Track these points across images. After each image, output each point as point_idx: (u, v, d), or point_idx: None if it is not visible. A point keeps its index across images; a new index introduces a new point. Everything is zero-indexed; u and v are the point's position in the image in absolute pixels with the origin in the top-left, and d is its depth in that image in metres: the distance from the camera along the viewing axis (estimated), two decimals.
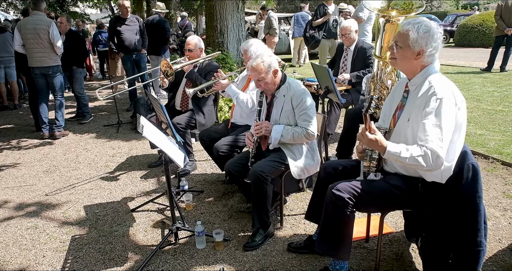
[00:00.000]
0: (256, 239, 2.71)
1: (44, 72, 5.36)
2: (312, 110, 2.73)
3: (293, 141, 2.73)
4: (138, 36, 6.69)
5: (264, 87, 2.77)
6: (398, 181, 2.11)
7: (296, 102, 2.71)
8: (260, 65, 2.71)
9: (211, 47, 6.19)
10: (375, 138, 1.89)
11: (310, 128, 2.70)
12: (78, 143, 5.32)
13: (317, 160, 2.87)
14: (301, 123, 2.72)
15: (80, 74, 6.16)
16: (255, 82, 2.80)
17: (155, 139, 2.54)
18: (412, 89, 2.09)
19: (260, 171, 2.62)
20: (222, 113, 5.28)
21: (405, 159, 1.86)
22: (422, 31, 1.95)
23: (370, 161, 2.15)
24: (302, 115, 2.71)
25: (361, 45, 4.43)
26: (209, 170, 4.14)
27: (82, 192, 3.76)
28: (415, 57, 2.00)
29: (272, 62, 2.73)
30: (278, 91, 2.82)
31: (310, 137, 2.71)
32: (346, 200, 2.04)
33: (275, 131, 2.74)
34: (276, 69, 2.75)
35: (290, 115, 2.76)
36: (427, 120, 1.88)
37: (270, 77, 2.74)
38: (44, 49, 5.27)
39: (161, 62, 3.85)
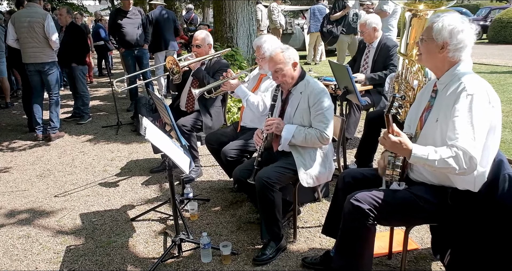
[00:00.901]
0: (266, 252, 2.71)
1: (38, 69, 5.44)
2: (329, 111, 2.74)
3: (305, 143, 2.74)
4: (140, 30, 6.77)
5: (281, 80, 2.80)
6: (424, 192, 2.09)
7: (313, 101, 2.73)
8: (279, 54, 2.75)
9: (219, 42, 6.23)
10: (399, 140, 1.89)
11: (325, 131, 2.70)
12: (74, 145, 5.39)
13: (330, 168, 2.87)
14: (316, 124, 2.73)
15: (81, 72, 6.24)
16: (272, 73, 2.83)
17: (158, 142, 2.57)
18: (441, 88, 2.09)
19: (265, 177, 2.63)
20: (231, 115, 5.30)
21: (433, 161, 1.84)
22: (446, 23, 1.97)
23: (393, 168, 2.15)
24: (318, 115, 2.72)
25: (385, 42, 4.41)
26: (215, 176, 4.16)
27: (78, 198, 3.80)
28: (439, 51, 2.01)
29: (292, 54, 2.79)
30: (295, 88, 2.85)
31: (324, 140, 2.72)
32: (366, 211, 2.03)
33: (286, 130, 2.76)
34: (296, 62, 2.79)
35: (305, 114, 2.78)
36: (457, 118, 1.87)
37: (289, 69, 2.78)
38: (38, 44, 5.35)
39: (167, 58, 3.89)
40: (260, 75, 3.53)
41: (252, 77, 3.67)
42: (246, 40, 6.37)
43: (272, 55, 2.77)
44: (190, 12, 11.80)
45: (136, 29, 6.72)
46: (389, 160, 2.14)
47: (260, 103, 3.29)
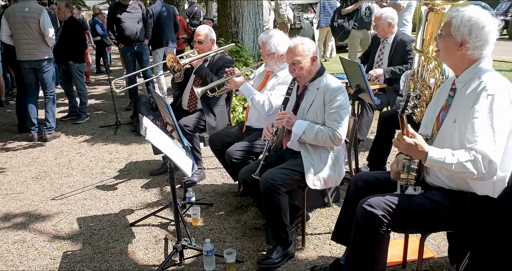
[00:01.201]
0: (272, 256, 2.72)
1: (33, 66, 5.47)
2: (345, 110, 2.75)
3: (316, 141, 2.75)
4: (140, 24, 6.81)
5: (298, 73, 2.82)
6: (441, 197, 2.09)
7: (328, 98, 2.74)
8: (299, 46, 2.78)
9: (223, 38, 6.24)
10: (414, 142, 1.89)
11: (338, 131, 2.71)
12: (71, 146, 5.43)
13: (340, 173, 2.87)
14: (329, 123, 2.74)
15: (78, 70, 6.27)
16: (289, 66, 2.85)
17: (159, 143, 2.58)
18: (460, 86, 2.09)
19: (270, 179, 2.64)
20: (236, 114, 5.31)
21: (451, 165, 1.84)
22: (466, 18, 1.96)
23: (408, 172, 2.15)
24: (332, 114, 2.73)
25: (401, 37, 4.41)
26: (219, 179, 4.17)
27: (75, 202, 3.83)
28: (457, 48, 2.01)
29: (313, 47, 2.82)
30: (312, 83, 2.86)
31: (336, 140, 2.72)
32: (379, 217, 2.03)
33: (297, 125, 2.77)
34: (315, 56, 2.82)
35: (319, 111, 2.79)
36: (477, 119, 1.87)
37: (307, 63, 2.80)
38: (34, 41, 5.38)
39: (167, 56, 3.91)
40: (267, 73, 3.53)
41: (258, 74, 3.68)
42: (252, 35, 6.38)
43: (291, 46, 2.80)
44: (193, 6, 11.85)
45: (136, 24, 6.75)
46: (404, 163, 2.14)
47: (266, 102, 3.30)
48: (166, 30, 7.46)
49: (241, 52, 6.04)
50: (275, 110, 3.24)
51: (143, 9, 6.93)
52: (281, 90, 3.29)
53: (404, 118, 1.88)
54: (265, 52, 3.40)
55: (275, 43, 3.36)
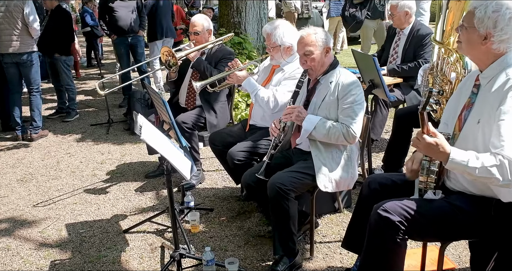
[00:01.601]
0: (278, 269, 2.72)
1: (16, 60, 5.47)
2: (360, 106, 2.75)
3: (327, 139, 2.74)
4: (135, 14, 6.81)
5: (309, 64, 2.82)
6: (464, 202, 2.08)
7: (343, 93, 2.74)
8: (311, 36, 2.79)
9: (225, 28, 6.25)
10: (435, 141, 1.87)
11: (353, 127, 2.71)
12: (59, 145, 5.44)
13: (353, 175, 2.86)
14: (343, 119, 2.74)
15: (65, 63, 6.29)
16: (300, 57, 2.86)
17: (155, 143, 2.58)
18: (484, 83, 2.07)
19: (279, 183, 2.64)
20: (238, 111, 5.31)
21: (474, 169, 1.83)
22: (490, 10, 1.94)
23: (427, 174, 2.14)
24: (346, 109, 2.73)
25: (418, 28, 4.38)
26: (220, 182, 4.17)
27: (64, 206, 3.84)
28: (481, 41, 1.99)
29: (327, 37, 2.83)
30: (324, 77, 2.87)
31: (350, 137, 2.72)
32: (396, 224, 2.02)
33: (308, 121, 2.76)
34: (329, 47, 2.83)
35: (332, 107, 2.79)
36: (503, 121, 1.86)
37: (320, 54, 2.80)
38: (17, 32, 5.38)
39: (161, 49, 3.91)
40: (272, 67, 3.53)
41: (262, 69, 3.67)
42: (256, 25, 6.38)
43: (303, 36, 2.80)
44: None
45: (130, 14, 6.76)
46: (423, 164, 2.13)
47: (271, 99, 3.29)
48: (164, 21, 7.47)
49: (244, 44, 6.04)
50: (280, 108, 3.23)
51: None
52: (287, 86, 3.28)
53: (425, 115, 1.87)
54: (270, 45, 3.39)
55: (281, 34, 3.35)
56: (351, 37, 12.66)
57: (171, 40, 8.07)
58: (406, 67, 4.30)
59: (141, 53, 7.06)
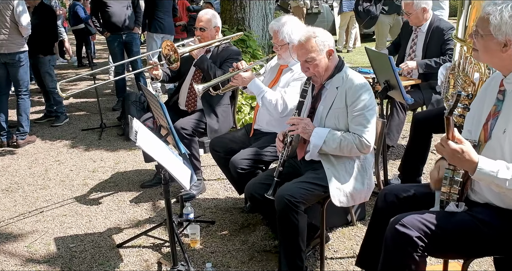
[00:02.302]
0: None
1: (6, 60, 5.51)
2: (371, 112, 2.74)
3: (340, 152, 2.74)
4: (130, 10, 6.85)
5: (313, 71, 2.80)
6: (489, 215, 2.07)
7: (351, 99, 2.73)
8: (312, 40, 2.75)
9: (227, 25, 6.27)
10: (461, 148, 1.87)
11: (366, 137, 2.70)
12: (47, 152, 5.47)
13: (369, 186, 2.86)
14: (354, 128, 2.73)
15: (49, 63, 6.32)
16: (301, 64, 2.84)
17: (152, 150, 2.60)
18: (510, 88, 2.07)
19: (288, 195, 2.63)
20: (242, 115, 5.33)
21: (504, 181, 1.83)
22: (506, 15, 1.94)
23: (450, 185, 2.13)
24: (357, 117, 2.72)
25: (437, 24, 4.39)
26: (222, 192, 4.17)
27: (53, 219, 3.85)
28: (501, 49, 1.99)
29: (328, 39, 2.80)
30: (329, 82, 2.85)
31: (364, 148, 2.71)
32: (414, 239, 2.02)
33: (316, 135, 2.75)
34: (331, 49, 2.80)
35: (341, 115, 2.78)
36: None
37: (323, 58, 2.78)
38: (6, 30, 5.41)
39: (162, 43, 3.91)
40: (280, 67, 3.54)
41: (269, 69, 3.68)
42: (261, 22, 6.41)
43: (302, 42, 2.77)
44: None
45: (124, 9, 6.80)
46: (446, 174, 2.12)
47: (279, 101, 3.30)
48: (165, 15, 7.50)
49: (248, 42, 6.06)
50: (290, 111, 3.24)
51: None
52: (297, 87, 3.29)
53: (451, 120, 1.87)
54: (278, 43, 3.40)
55: (289, 31, 3.36)
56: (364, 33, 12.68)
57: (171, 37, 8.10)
58: (439, 60, 4.27)
59: (136, 52, 7.09)
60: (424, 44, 4.44)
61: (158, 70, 3.99)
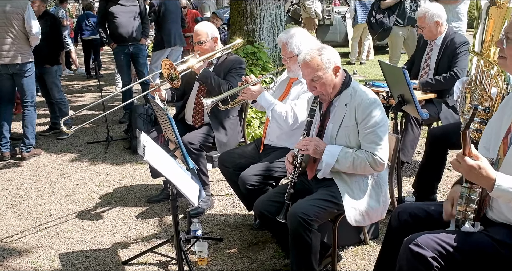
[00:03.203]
0: None
1: (13, 71, 5.57)
2: (383, 128, 2.75)
3: (353, 170, 2.75)
4: (137, 21, 6.93)
5: (320, 90, 2.82)
6: (506, 235, 2.07)
7: (361, 116, 2.74)
8: (316, 59, 2.76)
9: (237, 36, 6.32)
10: (477, 164, 1.87)
11: (379, 154, 2.71)
12: (53, 165, 5.52)
13: (384, 203, 2.87)
14: (366, 146, 2.74)
15: (55, 74, 6.40)
16: (308, 82, 2.85)
17: (160, 165, 2.62)
18: None
19: (302, 213, 2.64)
20: (251, 129, 5.34)
21: None
22: None
23: (466, 203, 2.13)
24: (368, 134, 2.73)
25: (452, 37, 4.39)
26: (231, 209, 4.18)
27: (57, 234, 3.88)
28: None
29: (333, 55, 2.80)
30: (338, 98, 2.87)
31: (377, 166, 2.72)
32: (429, 260, 2.02)
33: (328, 153, 2.76)
34: (337, 66, 2.81)
35: (351, 133, 2.79)
36: None
37: (329, 76, 2.79)
38: (15, 41, 5.48)
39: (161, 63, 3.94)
40: (290, 80, 3.57)
41: (279, 83, 3.71)
42: (271, 33, 6.44)
43: (307, 60, 2.77)
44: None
45: (131, 20, 6.87)
46: (462, 192, 2.12)
47: (289, 113, 3.32)
48: (173, 26, 7.59)
49: (259, 54, 6.10)
50: (300, 124, 3.25)
51: (141, 2, 7.06)
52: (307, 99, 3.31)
53: (467, 136, 1.88)
54: (287, 55, 3.43)
55: (298, 43, 3.39)
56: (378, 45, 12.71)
57: (180, 49, 8.20)
58: (441, 78, 4.29)
59: (143, 64, 7.15)
60: (437, 59, 4.45)
61: (160, 91, 4.03)
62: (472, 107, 1.90)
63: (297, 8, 12.98)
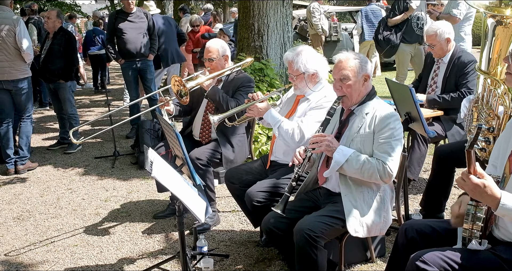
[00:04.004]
0: None
1: (8, 87, 5.61)
2: (398, 142, 2.79)
3: (360, 174, 2.77)
4: (145, 37, 7.02)
5: (345, 91, 2.88)
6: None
7: (380, 126, 2.79)
8: (350, 60, 2.86)
9: (244, 53, 6.38)
10: (483, 183, 1.89)
11: (389, 165, 2.73)
12: (60, 180, 5.55)
13: (386, 219, 2.88)
14: (379, 154, 2.77)
15: (69, 89, 6.48)
16: (335, 81, 2.92)
17: (167, 181, 2.64)
18: None
19: (308, 229, 2.65)
20: (258, 145, 5.37)
21: None
22: None
23: (472, 221, 2.14)
24: (383, 144, 2.77)
25: (460, 55, 4.42)
26: (237, 225, 4.19)
27: (64, 249, 3.90)
28: None
29: (367, 65, 2.90)
30: (359, 108, 2.92)
31: (385, 175, 2.74)
32: None
33: (341, 152, 2.79)
34: (368, 75, 2.89)
35: (367, 141, 2.83)
36: None
37: (357, 82, 2.87)
38: (8, 57, 5.53)
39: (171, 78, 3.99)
40: (296, 97, 3.60)
41: (286, 100, 3.74)
42: (279, 50, 6.51)
43: (342, 59, 2.88)
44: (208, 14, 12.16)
45: (140, 36, 6.95)
46: (468, 210, 2.13)
47: (295, 131, 3.34)
48: (169, 47, 7.75)
49: (266, 71, 6.15)
50: (307, 141, 3.28)
51: (149, 18, 7.15)
52: (314, 116, 3.34)
53: (472, 154, 1.90)
54: (293, 73, 3.47)
55: (304, 60, 3.43)
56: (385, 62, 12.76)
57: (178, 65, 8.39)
58: (449, 97, 4.32)
59: (150, 79, 7.22)
60: (445, 76, 4.47)
61: (169, 106, 4.07)
62: (476, 127, 1.93)
63: (304, 24, 13.09)
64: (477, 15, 6.98)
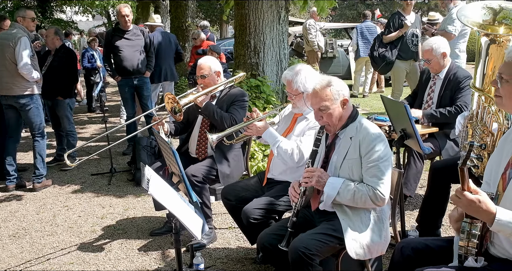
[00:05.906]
0: None
1: (11, 103, 5.65)
2: (386, 163, 2.79)
3: (353, 203, 2.78)
4: (142, 54, 7.05)
5: (326, 120, 2.88)
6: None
7: (365, 149, 2.79)
8: (326, 89, 2.84)
9: (241, 70, 6.43)
10: (477, 199, 1.90)
11: (380, 189, 2.74)
12: (56, 197, 5.54)
13: (386, 238, 2.88)
14: (368, 179, 2.78)
15: (68, 106, 6.50)
16: (315, 112, 2.92)
17: (164, 199, 2.65)
18: None
19: (303, 247, 2.65)
20: (255, 162, 5.38)
21: None
22: None
23: (468, 238, 2.14)
24: (371, 168, 2.77)
25: (455, 72, 4.46)
26: (233, 242, 4.18)
27: (60, 267, 3.88)
28: None
29: (343, 88, 2.88)
30: (343, 131, 2.93)
31: (378, 201, 2.75)
32: None
33: (330, 185, 2.80)
34: (346, 98, 2.88)
35: (355, 166, 2.83)
36: None
37: (337, 108, 2.86)
38: (9, 73, 5.55)
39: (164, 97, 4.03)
40: (294, 115, 3.62)
41: (283, 117, 3.77)
42: (275, 67, 6.55)
43: (317, 89, 2.86)
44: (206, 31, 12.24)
45: (137, 54, 6.98)
46: (463, 227, 2.14)
47: (295, 151, 3.36)
48: (163, 64, 7.88)
49: (262, 87, 6.19)
50: (306, 161, 3.29)
51: (146, 36, 7.19)
52: (312, 136, 3.35)
53: (465, 171, 1.91)
54: (292, 92, 3.49)
55: (303, 80, 3.45)
56: None
57: (171, 84, 8.47)
58: (446, 111, 4.34)
59: (147, 96, 7.24)
60: (440, 92, 4.51)
61: (163, 124, 4.09)
62: (468, 144, 1.95)
63: (300, 41, 13.19)
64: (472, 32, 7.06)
